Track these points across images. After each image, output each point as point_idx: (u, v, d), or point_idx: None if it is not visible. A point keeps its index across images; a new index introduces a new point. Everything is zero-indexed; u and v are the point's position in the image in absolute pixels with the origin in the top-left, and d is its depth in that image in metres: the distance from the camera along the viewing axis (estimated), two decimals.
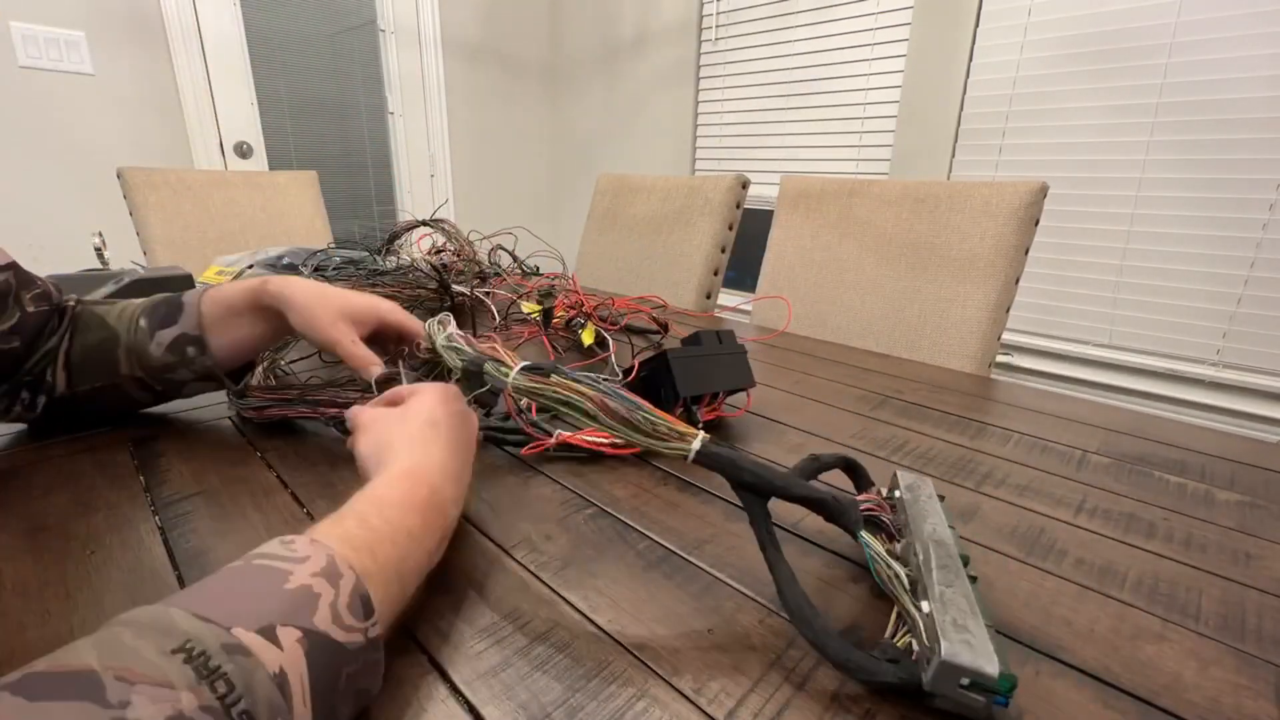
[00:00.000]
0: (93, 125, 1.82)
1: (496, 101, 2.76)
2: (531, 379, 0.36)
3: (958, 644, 0.27)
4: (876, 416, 0.64)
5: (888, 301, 1.06)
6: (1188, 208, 1.46)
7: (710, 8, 2.31)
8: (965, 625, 0.28)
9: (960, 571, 0.31)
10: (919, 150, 1.86)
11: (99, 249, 0.97)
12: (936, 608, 0.29)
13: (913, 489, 0.38)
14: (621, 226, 1.47)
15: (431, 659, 0.30)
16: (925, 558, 0.32)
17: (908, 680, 0.28)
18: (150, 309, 0.52)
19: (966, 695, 0.26)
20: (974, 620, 0.28)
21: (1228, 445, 0.58)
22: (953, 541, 0.33)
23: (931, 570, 0.31)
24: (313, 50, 2.25)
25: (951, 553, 0.32)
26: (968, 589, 0.30)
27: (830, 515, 0.34)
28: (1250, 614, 0.35)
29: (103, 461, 0.49)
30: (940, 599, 0.29)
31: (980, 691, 0.26)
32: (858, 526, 0.34)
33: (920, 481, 0.39)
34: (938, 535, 0.34)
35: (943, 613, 0.28)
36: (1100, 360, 1.63)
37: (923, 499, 0.37)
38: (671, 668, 0.30)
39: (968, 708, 0.27)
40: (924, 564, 0.31)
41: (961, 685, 0.26)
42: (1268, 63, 1.33)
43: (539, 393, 0.36)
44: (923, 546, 0.32)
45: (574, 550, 0.39)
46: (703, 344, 0.59)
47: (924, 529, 0.34)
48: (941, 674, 0.26)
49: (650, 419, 0.34)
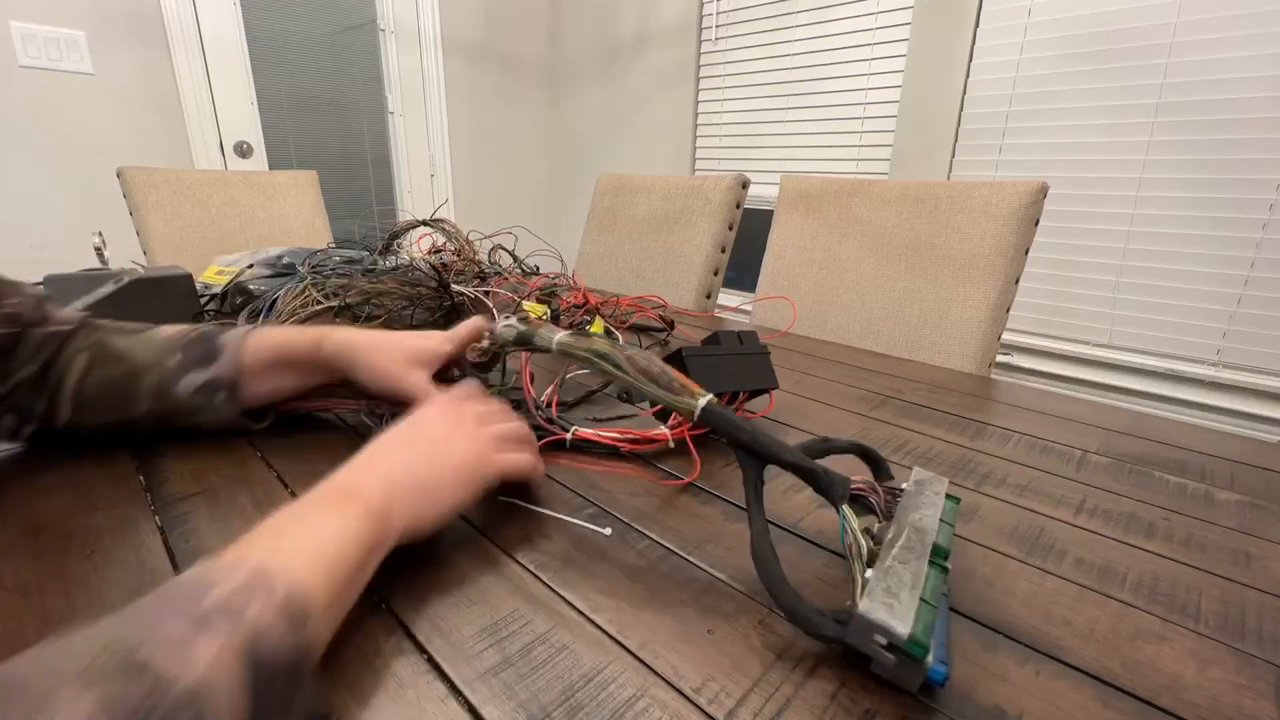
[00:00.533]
0: (93, 125, 1.82)
1: (496, 101, 2.76)
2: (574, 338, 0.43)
3: (878, 604, 0.28)
4: (876, 416, 0.64)
5: (888, 301, 1.06)
6: (1188, 208, 1.46)
7: (710, 8, 2.31)
8: (897, 594, 0.29)
9: (924, 555, 0.32)
10: (919, 150, 1.86)
11: (99, 249, 0.97)
12: (876, 575, 0.30)
13: (921, 484, 0.38)
14: (621, 226, 1.47)
15: (431, 659, 0.30)
16: (894, 537, 0.33)
17: (839, 636, 0.29)
18: (187, 345, 0.50)
19: (883, 654, 0.28)
20: (908, 592, 0.29)
21: (1228, 445, 0.58)
22: (935, 532, 0.34)
23: (894, 547, 0.32)
24: (313, 50, 2.25)
25: (926, 540, 0.33)
26: (922, 570, 0.31)
27: (818, 486, 0.36)
28: (1250, 614, 0.35)
29: (103, 461, 0.49)
30: (884, 570, 0.30)
31: (896, 654, 0.28)
32: (841, 500, 0.35)
33: (935, 480, 0.39)
34: (921, 524, 0.34)
35: (881, 580, 0.30)
36: (1100, 360, 1.63)
37: (927, 493, 0.37)
38: (671, 668, 0.30)
39: (891, 671, 0.28)
40: (889, 542, 0.32)
41: (880, 645, 0.28)
42: (1268, 63, 1.33)
43: (578, 349, 0.42)
44: (898, 528, 0.33)
45: (574, 550, 0.39)
46: (721, 344, 0.59)
47: (910, 516, 0.35)
48: (857, 628, 0.28)
49: (667, 374, 0.39)
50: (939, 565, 0.32)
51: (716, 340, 0.60)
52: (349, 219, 2.44)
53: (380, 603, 0.34)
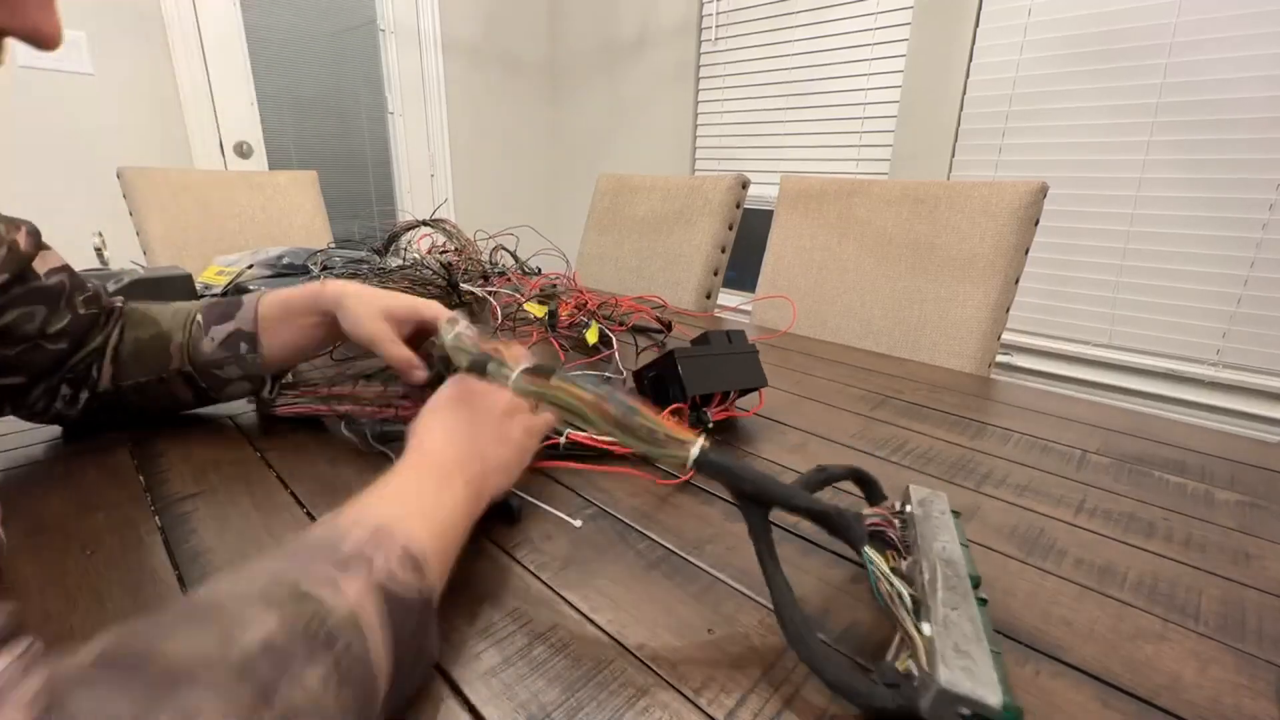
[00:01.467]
0: (93, 125, 1.82)
1: (496, 101, 2.76)
2: (532, 380, 0.36)
3: (958, 671, 0.25)
4: (876, 416, 0.64)
5: (888, 301, 1.06)
6: (1188, 208, 1.46)
7: (710, 8, 2.31)
8: (968, 651, 0.26)
9: (969, 593, 0.29)
10: (919, 150, 1.86)
11: (99, 249, 0.97)
12: (939, 631, 0.27)
13: (925, 504, 0.36)
14: (621, 226, 1.47)
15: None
16: (932, 577, 0.30)
17: (905, 707, 0.26)
18: (208, 306, 0.54)
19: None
20: (978, 646, 0.27)
21: (1228, 445, 0.58)
22: (964, 561, 0.32)
23: (937, 591, 0.29)
24: (313, 50, 2.25)
25: (961, 573, 0.31)
26: (974, 612, 0.28)
27: (834, 529, 0.32)
28: (1250, 614, 0.35)
29: (103, 461, 0.49)
30: (943, 622, 0.28)
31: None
32: (862, 542, 0.32)
33: (934, 496, 0.37)
34: (948, 554, 0.32)
35: (945, 637, 0.27)
36: (1100, 360, 1.63)
37: (935, 514, 0.35)
38: (671, 668, 0.30)
39: None
40: (929, 584, 0.30)
41: (962, 715, 0.25)
42: (1268, 63, 1.33)
43: (539, 394, 0.35)
44: (930, 565, 0.31)
45: (574, 550, 0.39)
46: (711, 344, 0.59)
47: (934, 547, 0.32)
48: (939, 702, 0.25)
49: (647, 424, 0.32)
50: (981, 600, 0.30)
51: (706, 340, 0.60)
52: (349, 219, 2.44)
53: None
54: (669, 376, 0.55)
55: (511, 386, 0.37)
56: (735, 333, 0.61)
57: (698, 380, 0.55)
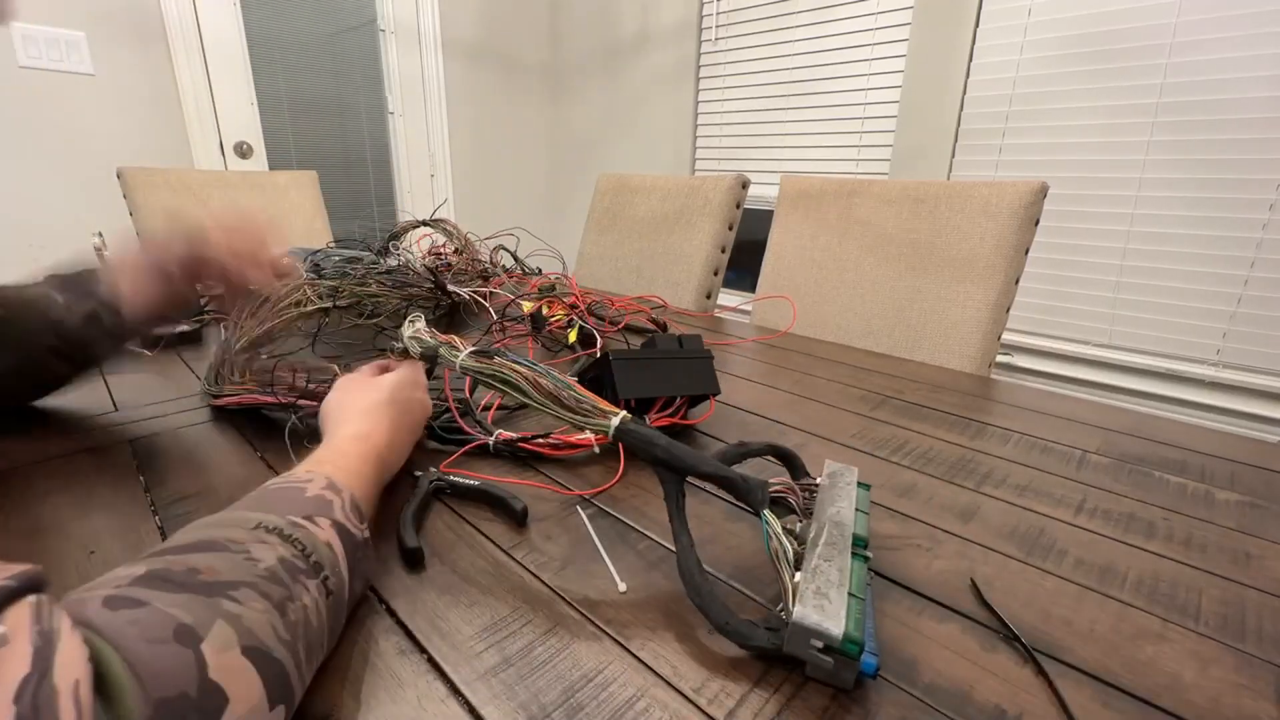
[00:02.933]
0: (93, 125, 1.82)
1: (496, 101, 2.76)
2: (477, 360, 0.41)
3: (810, 609, 0.28)
4: (876, 416, 0.64)
5: (888, 301, 1.06)
6: (1188, 208, 1.46)
7: (710, 8, 2.31)
8: (826, 594, 0.29)
9: (846, 549, 0.33)
10: (919, 150, 1.86)
11: (99, 249, 0.97)
12: (806, 578, 0.30)
13: (834, 476, 0.40)
14: (621, 226, 1.47)
15: (431, 659, 0.30)
16: (817, 535, 0.34)
17: (778, 646, 0.29)
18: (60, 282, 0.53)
19: (820, 658, 0.28)
20: (837, 590, 0.30)
21: (1228, 445, 0.58)
22: (852, 523, 0.35)
23: (818, 546, 0.33)
24: (313, 50, 2.25)
25: (846, 533, 0.34)
26: (846, 563, 0.31)
27: (738, 494, 0.36)
28: (1250, 614, 0.35)
29: (103, 462, 0.49)
30: (813, 571, 0.31)
31: (833, 655, 0.28)
32: (762, 505, 0.35)
33: (846, 470, 0.41)
34: (839, 518, 0.35)
35: (809, 582, 0.30)
36: (1100, 360, 1.63)
37: (840, 485, 0.39)
38: (671, 668, 0.30)
39: (826, 672, 0.29)
40: (813, 541, 0.33)
41: (815, 648, 0.28)
42: (1268, 63, 1.33)
43: (483, 372, 0.41)
44: (819, 526, 0.34)
45: (574, 550, 0.39)
46: (657, 346, 0.57)
47: (828, 511, 0.36)
48: (794, 635, 0.28)
49: (576, 397, 0.38)
50: (860, 556, 0.33)
51: (653, 344, 0.58)
52: (349, 219, 2.44)
53: (380, 603, 0.34)
54: (605, 379, 0.54)
55: (459, 366, 0.42)
56: (690, 337, 0.59)
57: (633, 384, 0.53)
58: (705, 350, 0.59)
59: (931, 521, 0.44)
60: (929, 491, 0.48)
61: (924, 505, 0.46)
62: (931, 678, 0.30)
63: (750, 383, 0.74)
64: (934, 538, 0.42)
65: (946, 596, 0.36)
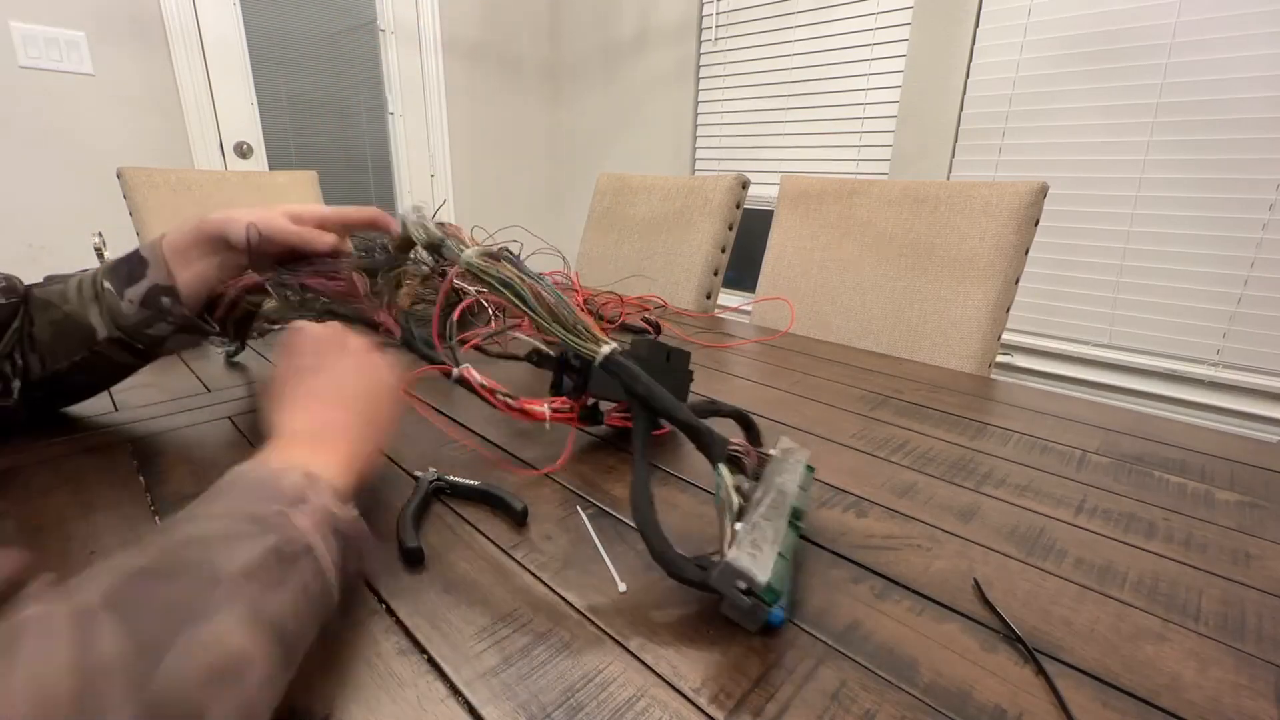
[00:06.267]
0: (93, 125, 1.82)
1: (496, 101, 2.76)
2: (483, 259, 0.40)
3: (744, 555, 0.31)
4: (876, 416, 0.64)
5: (888, 301, 1.06)
6: (1188, 208, 1.46)
7: (710, 8, 2.31)
8: (760, 547, 0.32)
9: (784, 515, 0.35)
10: (919, 150, 1.86)
11: (99, 249, 0.97)
12: (745, 530, 0.33)
13: (786, 452, 0.42)
14: (621, 226, 1.47)
15: (431, 659, 0.30)
16: (761, 497, 0.36)
17: (704, 580, 0.32)
18: (111, 270, 0.52)
19: (740, 597, 0.31)
20: (769, 546, 0.32)
21: (1228, 445, 0.58)
22: (793, 496, 0.37)
23: (760, 506, 0.35)
24: (313, 50, 2.25)
25: (786, 502, 0.36)
26: (782, 527, 0.34)
27: (700, 444, 0.39)
28: (1250, 614, 0.35)
29: (102, 462, 0.49)
30: (752, 526, 0.33)
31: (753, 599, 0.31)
32: (719, 459, 0.38)
33: (798, 450, 0.42)
34: (784, 487, 0.37)
35: (747, 534, 0.33)
36: (1100, 360, 1.63)
37: (790, 461, 0.41)
38: (671, 668, 0.30)
39: (740, 612, 0.31)
40: (758, 501, 0.36)
41: (739, 589, 0.31)
42: (1268, 63, 1.33)
43: (486, 272, 0.39)
44: (764, 490, 0.37)
45: (574, 550, 0.39)
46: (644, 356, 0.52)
47: (775, 480, 0.38)
48: (723, 574, 0.31)
49: (573, 316, 0.38)
50: (795, 526, 0.36)
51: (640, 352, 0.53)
52: None
53: (380, 603, 0.34)
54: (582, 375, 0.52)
55: (463, 262, 0.40)
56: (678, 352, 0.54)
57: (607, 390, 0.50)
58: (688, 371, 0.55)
59: (931, 521, 0.44)
60: (929, 491, 0.48)
61: (924, 505, 0.46)
62: (931, 678, 0.30)
63: (750, 383, 0.74)
64: (934, 538, 0.42)
65: (946, 596, 0.36)
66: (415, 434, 0.55)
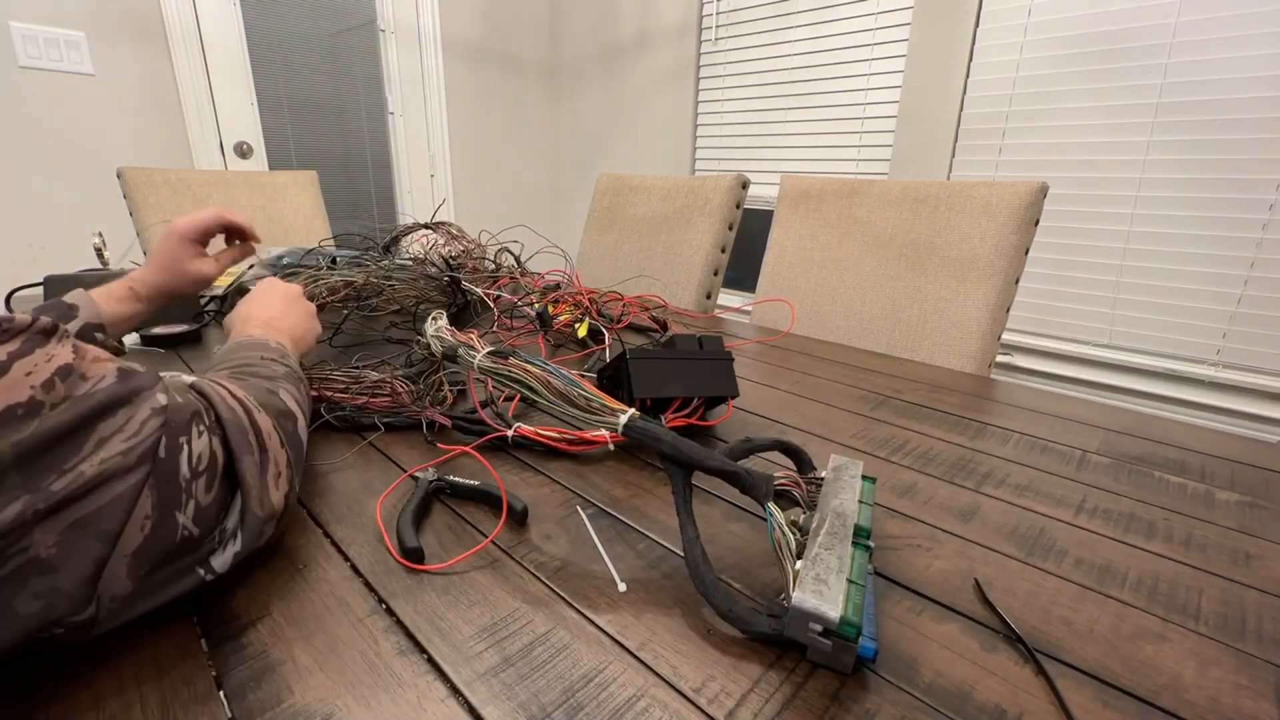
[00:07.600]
0: (93, 125, 1.82)
1: (496, 101, 2.76)
2: (493, 361, 0.43)
3: (809, 594, 0.29)
4: (876, 416, 0.64)
5: (888, 301, 1.06)
6: (1188, 208, 1.46)
7: (710, 8, 2.31)
8: (825, 580, 0.30)
9: (847, 538, 0.33)
10: (919, 150, 1.86)
11: (99, 249, 0.97)
12: (806, 565, 0.31)
13: (838, 470, 0.41)
14: (621, 226, 1.47)
15: (431, 659, 0.30)
16: (819, 526, 0.34)
17: (777, 630, 0.30)
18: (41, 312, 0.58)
19: (819, 641, 0.29)
20: (836, 576, 0.31)
21: (1228, 445, 0.58)
22: (855, 514, 0.36)
23: (819, 536, 0.33)
24: (313, 50, 2.25)
25: (847, 524, 0.35)
26: (846, 552, 0.32)
27: (743, 488, 0.37)
28: (1250, 614, 0.35)
29: None
30: (813, 559, 0.32)
31: (832, 638, 0.29)
32: (766, 499, 0.36)
33: (850, 464, 0.41)
34: (842, 509, 0.36)
35: (810, 570, 0.31)
36: (1100, 360, 1.63)
37: (845, 478, 0.39)
38: (671, 668, 0.30)
39: (826, 656, 0.30)
40: (815, 531, 0.34)
41: (815, 631, 0.29)
42: (1268, 63, 1.33)
43: (498, 372, 0.42)
44: (821, 517, 0.35)
45: (574, 550, 0.39)
46: (676, 347, 0.57)
47: (830, 503, 0.36)
48: (794, 619, 0.30)
49: (585, 395, 0.39)
50: (862, 545, 0.34)
51: (673, 344, 0.57)
52: (349, 219, 2.44)
53: (380, 603, 0.34)
54: (620, 378, 0.54)
55: (476, 366, 0.44)
56: (710, 338, 0.59)
57: (650, 383, 0.53)
58: (726, 352, 0.59)
59: (932, 521, 0.44)
60: (929, 491, 0.48)
61: (924, 505, 0.46)
62: (932, 678, 0.30)
63: (751, 383, 0.74)
64: (934, 537, 0.42)
65: (946, 596, 0.36)
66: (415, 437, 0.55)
